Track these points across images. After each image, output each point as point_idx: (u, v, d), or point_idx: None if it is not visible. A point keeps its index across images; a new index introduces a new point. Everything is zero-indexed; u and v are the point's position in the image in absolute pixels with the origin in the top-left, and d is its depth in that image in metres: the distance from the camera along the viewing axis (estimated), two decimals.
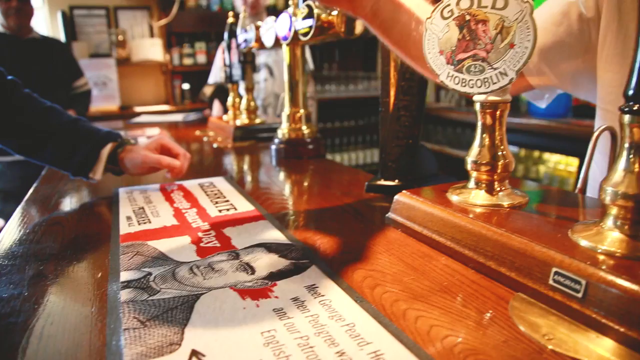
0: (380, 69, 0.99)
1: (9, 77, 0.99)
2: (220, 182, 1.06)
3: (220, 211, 0.84)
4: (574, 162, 2.73)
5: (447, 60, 0.68)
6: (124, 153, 1.01)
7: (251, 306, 0.49)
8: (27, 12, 2.71)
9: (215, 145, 1.69)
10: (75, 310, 0.52)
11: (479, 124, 0.67)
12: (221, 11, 4.13)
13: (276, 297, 0.51)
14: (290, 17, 1.18)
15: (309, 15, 1.09)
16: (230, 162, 1.44)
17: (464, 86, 0.67)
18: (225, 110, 2.43)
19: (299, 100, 1.38)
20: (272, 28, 1.30)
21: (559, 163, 2.92)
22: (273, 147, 1.39)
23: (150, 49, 3.99)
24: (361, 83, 4.67)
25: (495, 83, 0.63)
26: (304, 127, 1.38)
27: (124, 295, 0.52)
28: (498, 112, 0.66)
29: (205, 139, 1.87)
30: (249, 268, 0.58)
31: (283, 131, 1.39)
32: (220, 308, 0.49)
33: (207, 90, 2.67)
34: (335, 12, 1.07)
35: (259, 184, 1.11)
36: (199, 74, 4.23)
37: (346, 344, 0.42)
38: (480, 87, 0.65)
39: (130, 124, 2.59)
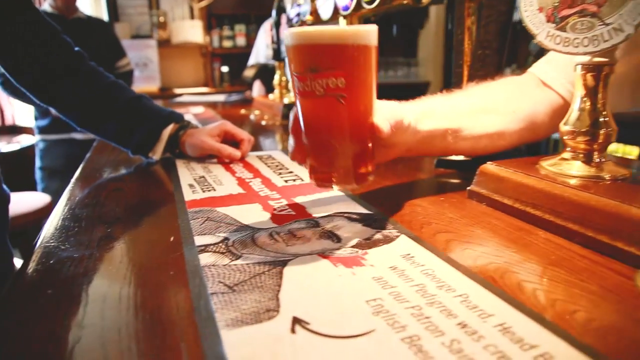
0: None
1: (76, 49, 0.97)
2: (279, 155, 1.02)
3: (286, 181, 0.79)
4: (633, 150, 2.60)
5: (547, 18, 0.62)
6: (186, 136, 0.97)
7: (346, 274, 0.44)
8: None
9: (263, 123, 1.65)
10: (152, 272, 0.48)
11: (578, 87, 0.61)
12: None
13: (371, 265, 0.46)
14: None
15: None
16: (282, 138, 1.40)
17: (567, 46, 0.60)
18: (268, 91, 2.39)
19: None
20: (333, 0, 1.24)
21: (615, 152, 2.79)
22: None
23: (190, 30, 3.98)
24: (401, 69, 4.56)
25: (606, 41, 0.56)
26: None
27: (203, 259, 0.48)
28: (602, 74, 0.60)
29: (252, 117, 1.83)
30: (334, 236, 0.54)
31: None
32: (312, 275, 0.44)
33: (250, 72, 2.64)
34: None
35: None
36: (238, 57, 4.21)
37: (465, 315, 0.37)
38: (587, 46, 0.58)
39: (172, 103, 2.58)
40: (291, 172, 0.86)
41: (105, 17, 3.80)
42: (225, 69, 4.17)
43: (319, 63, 0.48)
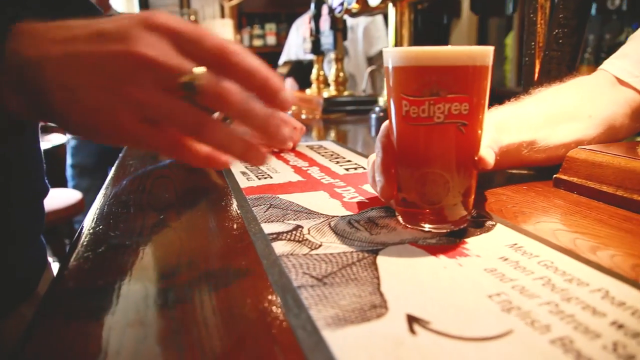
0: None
1: None
2: (330, 145, 0.95)
3: (347, 170, 0.73)
4: None
5: None
6: None
7: (452, 265, 0.38)
8: None
9: (303, 116, 1.59)
10: (219, 263, 0.42)
11: None
12: None
13: (477, 255, 0.39)
14: None
15: None
16: (326, 130, 1.34)
17: None
18: (301, 87, 2.34)
19: None
20: None
21: None
22: (373, 115, 1.27)
23: (220, 29, 3.96)
24: None
25: None
26: None
27: (278, 248, 0.42)
28: None
29: (289, 112, 1.78)
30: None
31: (384, 98, 1.28)
32: (412, 266, 0.38)
33: (283, 69, 2.59)
34: None
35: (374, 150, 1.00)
36: (269, 55, 4.17)
37: (615, 313, 0.30)
38: None
39: None
40: (349, 160, 0.79)
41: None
42: None
43: (443, 86, 0.41)
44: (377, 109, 1.28)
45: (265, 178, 0.68)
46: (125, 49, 0.33)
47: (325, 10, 1.68)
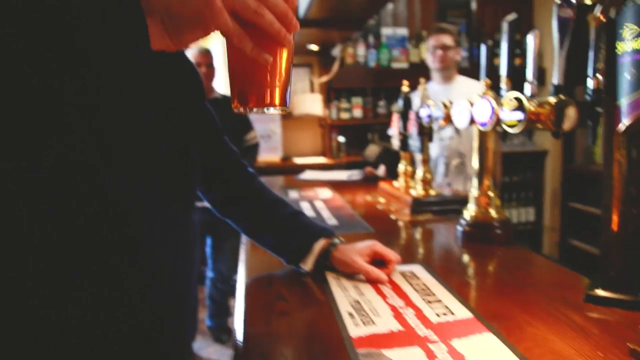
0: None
1: (250, 170, 1.13)
2: (420, 272, 1.07)
3: (438, 315, 0.84)
4: None
5: None
6: (336, 252, 1.07)
7: None
8: (211, 75, 3.05)
9: (393, 217, 1.72)
10: None
11: None
12: (377, 67, 4.27)
13: None
14: (492, 105, 1.18)
15: (519, 108, 1.08)
16: (415, 240, 1.46)
17: None
18: (390, 176, 2.48)
19: (488, 184, 1.36)
20: (467, 110, 1.31)
21: None
22: (459, 228, 1.38)
23: (310, 104, 4.24)
24: (516, 138, 4.49)
25: None
26: (492, 211, 1.35)
27: None
28: None
29: (379, 206, 1.92)
30: None
31: (470, 212, 1.38)
32: None
33: (372, 152, 2.75)
34: (545, 105, 1.05)
35: (460, 276, 1.11)
36: (355, 128, 4.40)
37: None
38: None
39: (297, 180, 2.75)
40: (439, 300, 0.91)
41: None
42: (342, 139, 4.36)
43: None
44: (462, 221, 1.39)
45: (369, 324, 0.82)
46: None
47: (412, 115, 1.83)
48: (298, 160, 4.18)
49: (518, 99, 1.09)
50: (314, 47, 3.74)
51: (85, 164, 0.61)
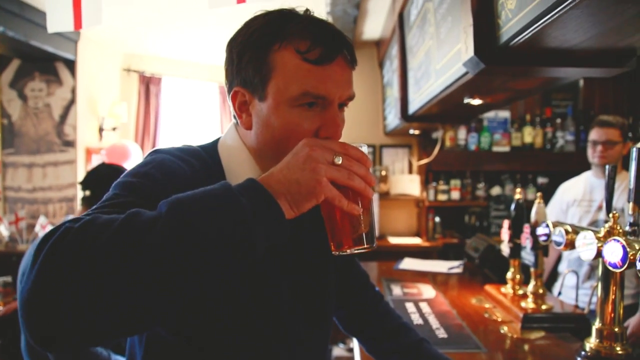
0: None
1: (376, 289, 1.23)
2: None
3: None
4: None
5: None
6: None
7: None
8: None
9: (502, 330, 1.68)
10: None
11: None
12: (478, 150, 4.25)
13: None
14: (625, 249, 1.16)
15: None
16: None
17: None
18: (495, 273, 2.42)
19: (612, 318, 1.31)
20: (594, 244, 1.29)
21: None
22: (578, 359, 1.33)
23: (408, 184, 4.28)
24: None
25: None
26: (617, 348, 1.29)
27: None
28: None
29: (486, 314, 1.88)
30: None
31: (591, 344, 1.33)
32: None
33: (472, 247, 2.71)
34: None
35: None
36: (451, 209, 4.37)
37: None
38: None
39: (396, 270, 2.76)
40: None
41: None
42: (437, 219, 4.33)
43: None
44: (582, 352, 1.33)
45: None
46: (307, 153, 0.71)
47: (527, 229, 1.81)
48: (392, 240, 4.19)
49: None
50: (415, 131, 3.82)
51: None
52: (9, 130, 4.37)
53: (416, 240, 4.22)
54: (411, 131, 3.81)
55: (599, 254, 1.27)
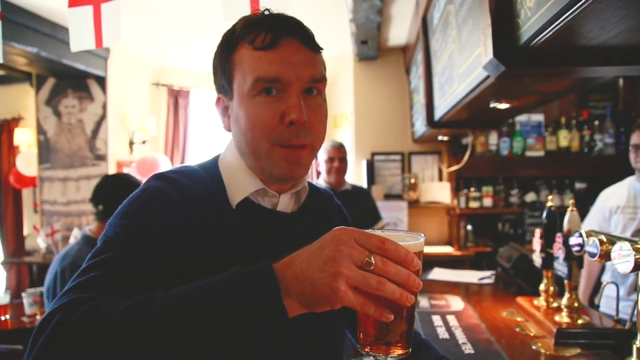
0: None
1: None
2: None
3: None
4: None
5: None
6: None
7: None
8: (343, 169, 3.17)
9: (534, 347, 1.59)
10: None
11: None
12: (510, 155, 4.12)
13: None
14: None
15: None
16: None
17: None
18: (528, 284, 2.32)
19: None
20: (632, 255, 1.19)
21: None
22: None
23: (438, 192, 4.19)
24: None
25: None
26: None
27: None
28: None
29: (517, 328, 1.78)
30: None
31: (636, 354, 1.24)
32: None
33: (505, 256, 2.61)
34: None
35: None
36: (484, 217, 4.24)
37: None
38: None
39: (425, 281, 2.67)
40: None
41: (364, 180, 4.27)
42: (469, 227, 4.21)
43: None
44: None
45: None
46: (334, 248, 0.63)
47: (560, 238, 1.71)
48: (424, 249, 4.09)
49: None
50: (443, 138, 3.73)
51: None
52: (45, 146, 4.50)
53: (447, 249, 4.12)
54: (440, 137, 3.72)
55: (637, 266, 1.18)
